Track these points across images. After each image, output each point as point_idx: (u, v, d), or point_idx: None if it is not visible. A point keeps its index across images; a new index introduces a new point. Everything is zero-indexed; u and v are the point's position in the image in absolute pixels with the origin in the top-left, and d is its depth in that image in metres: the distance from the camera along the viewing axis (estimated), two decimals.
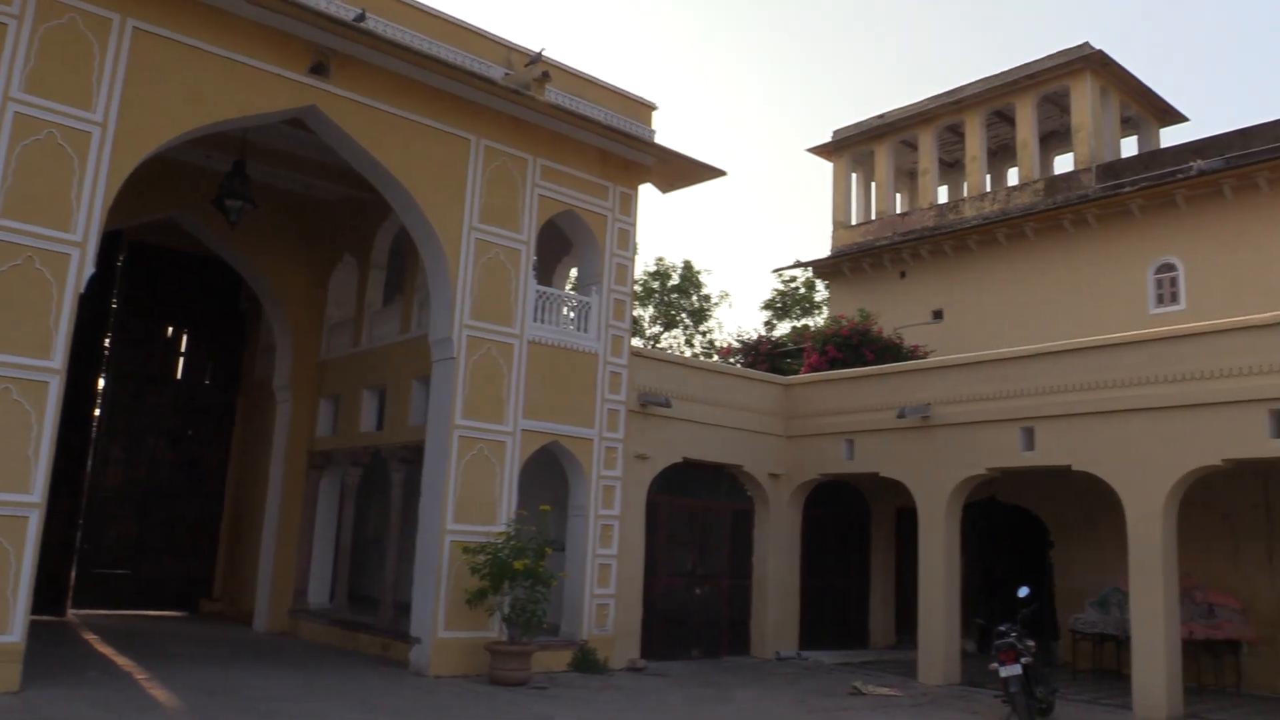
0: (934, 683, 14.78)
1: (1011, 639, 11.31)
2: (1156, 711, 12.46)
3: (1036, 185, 25.03)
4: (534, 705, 11.41)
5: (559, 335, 14.99)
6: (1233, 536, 15.56)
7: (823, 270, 29.55)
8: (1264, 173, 20.61)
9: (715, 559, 17.23)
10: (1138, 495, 13.07)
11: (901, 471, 15.96)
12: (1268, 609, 15.13)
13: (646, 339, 39.44)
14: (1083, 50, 24.55)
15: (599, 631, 14.84)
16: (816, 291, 39.02)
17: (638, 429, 15.77)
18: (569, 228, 15.89)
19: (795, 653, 17.37)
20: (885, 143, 28.49)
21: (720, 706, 12.15)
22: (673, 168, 16.65)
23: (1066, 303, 23.21)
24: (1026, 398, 14.41)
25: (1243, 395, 12.22)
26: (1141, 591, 12.93)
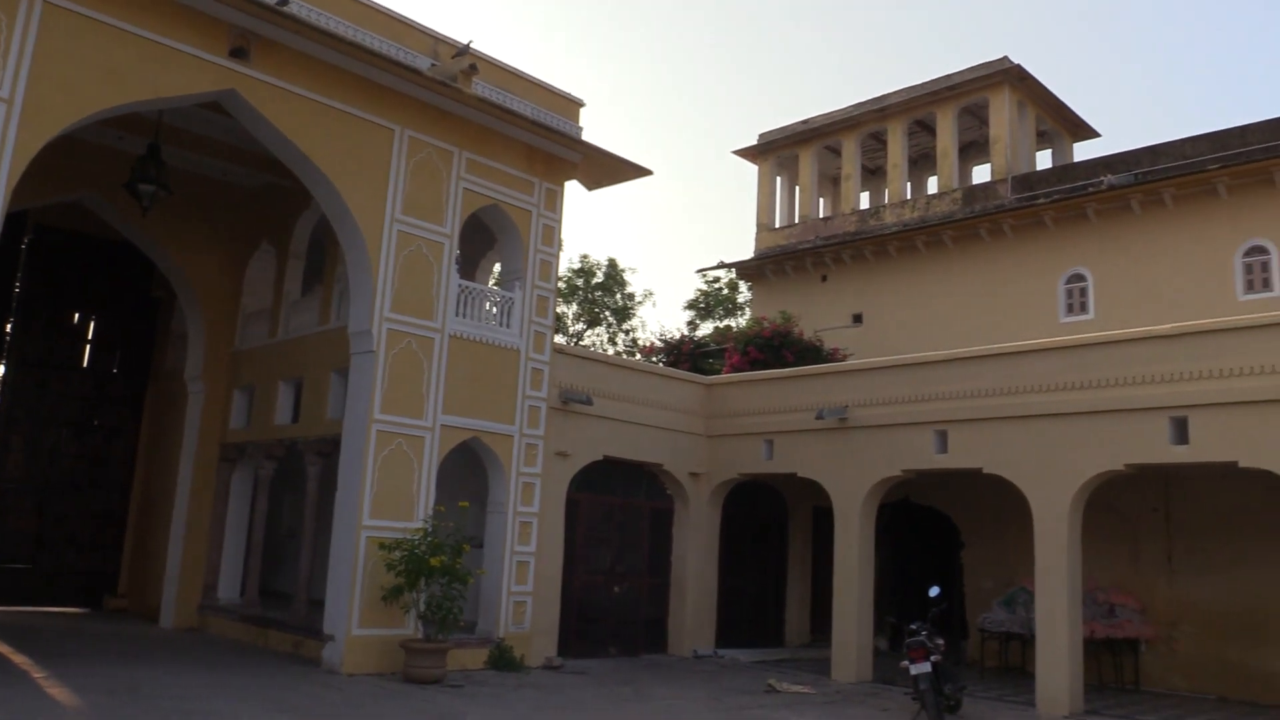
0: (847, 680, 15.02)
1: (922, 637, 11.57)
2: (1059, 708, 12.83)
3: (955, 194, 25.58)
4: (448, 703, 11.30)
5: (481, 330, 14.86)
6: (1133, 539, 16.10)
7: (746, 272, 29.81)
8: (1170, 189, 21.36)
9: (634, 557, 17.27)
10: (1045, 498, 13.45)
11: (819, 472, 16.18)
12: (1165, 609, 15.69)
13: (570, 336, 39.36)
14: (1002, 64, 25.17)
15: (516, 629, 14.76)
16: (739, 292, 39.38)
17: (559, 426, 15.72)
18: (493, 222, 15.77)
19: (712, 651, 17.49)
20: (810, 147, 28.85)
21: (637, 704, 12.17)
22: (599, 165, 16.64)
23: (982, 309, 23.76)
24: (941, 401, 14.72)
25: (1145, 403, 12.65)
26: (1046, 592, 13.30)
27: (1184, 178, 21.17)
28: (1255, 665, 14.69)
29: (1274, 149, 20.24)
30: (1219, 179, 20.70)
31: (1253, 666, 14.72)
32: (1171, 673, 15.49)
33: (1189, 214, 21.29)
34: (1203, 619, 15.31)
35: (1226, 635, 15.01)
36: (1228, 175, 20.60)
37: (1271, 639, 14.50)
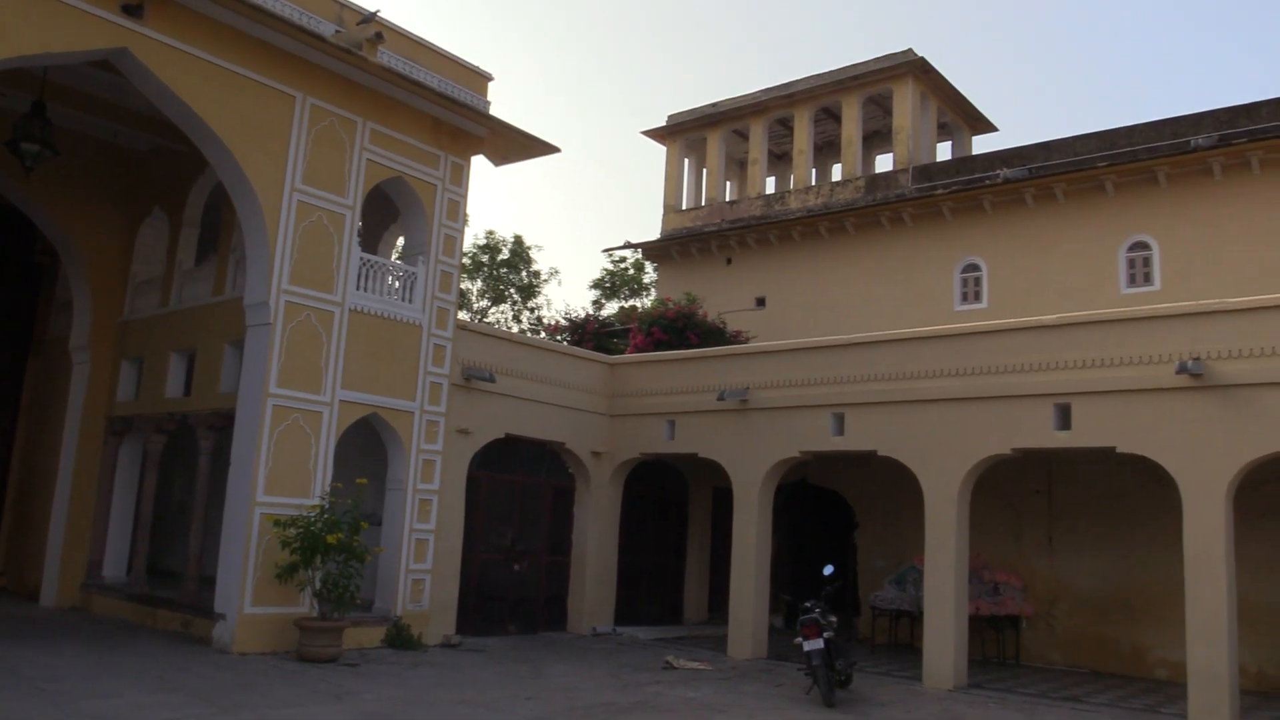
0: (743, 657, 15.30)
1: (815, 615, 11.85)
2: (944, 682, 13.30)
3: (858, 182, 26.06)
4: (343, 682, 11.17)
5: (383, 305, 14.63)
6: (1017, 520, 16.74)
7: (652, 252, 29.92)
8: (1061, 184, 22.13)
9: (535, 535, 17.28)
10: (936, 480, 13.88)
11: (719, 453, 16.39)
12: (1045, 587, 16.37)
13: (473, 313, 39.00)
14: (906, 56, 25.68)
15: (414, 607, 14.65)
16: (645, 273, 39.52)
17: (460, 403, 15.60)
18: (397, 195, 15.52)
19: (611, 628, 17.63)
20: (718, 131, 29.04)
21: (535, 681, 12.21)
22: (506, 140, 16.49)
23: (881, 296, 24.31)
24: (839, 385, 15.04)
25: (1032, 390, 13.14)
26: (935, 570, 13.74)
27: (1074, 174, 21.95)
28: (1126, 640, 15.45)
29: (1158, 149, 21.12)
30: (1107, 176, 21.52)
31: (1124, 642, 15.47)
32: (1050, 648, 16.18)
33: (1078, 209, 22.10)
34: (1079, 597, 16.03)
35: (1101, 612, 15.75)
36: (1115, 173, 21.43)
37: (1142, 616, 15.25)
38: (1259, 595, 14.00)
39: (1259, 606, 13.95)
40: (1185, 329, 12.17)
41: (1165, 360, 12.12)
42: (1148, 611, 15.15)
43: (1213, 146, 20.25)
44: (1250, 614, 13.44)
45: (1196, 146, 20.44)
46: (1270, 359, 11.49)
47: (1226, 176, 20.30)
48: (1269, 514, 14.24)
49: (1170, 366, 12.01)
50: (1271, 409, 11.45)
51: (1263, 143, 19.72)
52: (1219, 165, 20.25)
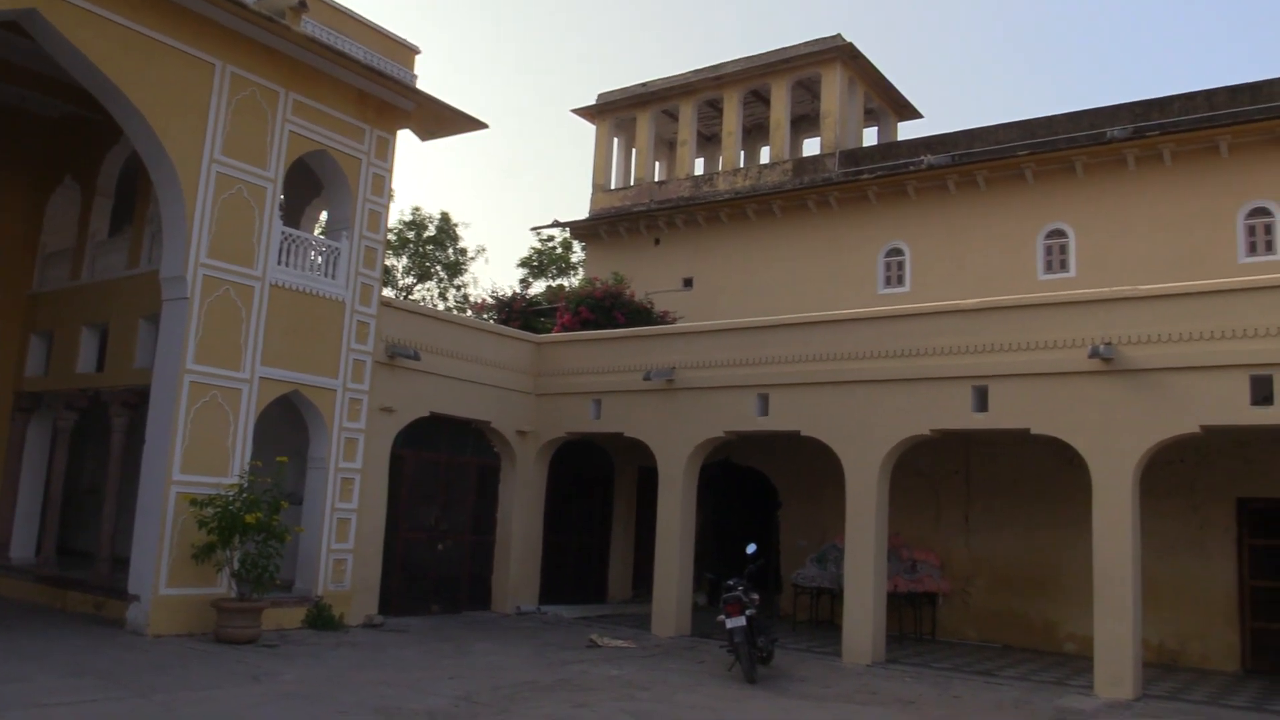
0: (666, 635, 15.43)
1: (738, 593, 11.99)
2: (862, 657, 13.58)
3: (786, 165, 26.26)
4: (262, 663, 11.00)
5: (305, 280, 14.35)
6: (936, 500, 17.13)
7: (580, 232, 29.82)
8: (983, 171, 22.58)
9: (459, 514, 17.18)
10: (857, 460, 14.11)
11: (645, 432, 16.45)
12: (961, 565, 16.80)
13: (398, 290, 38.48)
14: (835, 41, 25.91)
15: (336, 587, 14.47)
16: (573, 252, 39.37)
17: (384, 381, 15.40)
18: (321, 169, 15.21)
19: (536, 607, 17.63)
20: (648, 110, 29.00)
21: (458, 660, 12.17)
22: (433, 115, 16.26)
23: (807, 278, 24.57)
24: (764, 366, 15.19)
25: (951, 372, 13.43)
26: (856, 549, 14.00)
27: (995, 162, 22.41)
28: (1037, 616, 15.95)
29: (1076, 140, 21.67)
30: (1027, 165, 22.01)
31: (1035, 617, 15.96)
32: (965, 624, 16.63)
33: (999, 196, 22.57)
34: (994, 574, 16.48)
35: (1014, 589, 16.22)
36: (1035, 162, 21.93)
37: (1052, 592, 15.74)
38: (1162, 572, 14.55)
39: (1162, 582, 14.50)
40: (1098, 315, 12.54)
41: (1078, 345, 12.47)
42: (1058, 588, 15.64)
43: (1127, 138, 20.83)
44: (1153, 590, 13.97)
45: (1112, 138, 21.01)
46: (1177, 344, 11.90)
47: (1140, 167, 20.91)
48: (1173, 494, 14.79)
49: (1083, 351, 12.37)
50: (1177, 392, 11.87)
51: (1174, 136, 20.35)
52: (1133, 156, 20.85)
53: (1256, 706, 11.56)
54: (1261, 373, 11.39)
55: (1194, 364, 11.77)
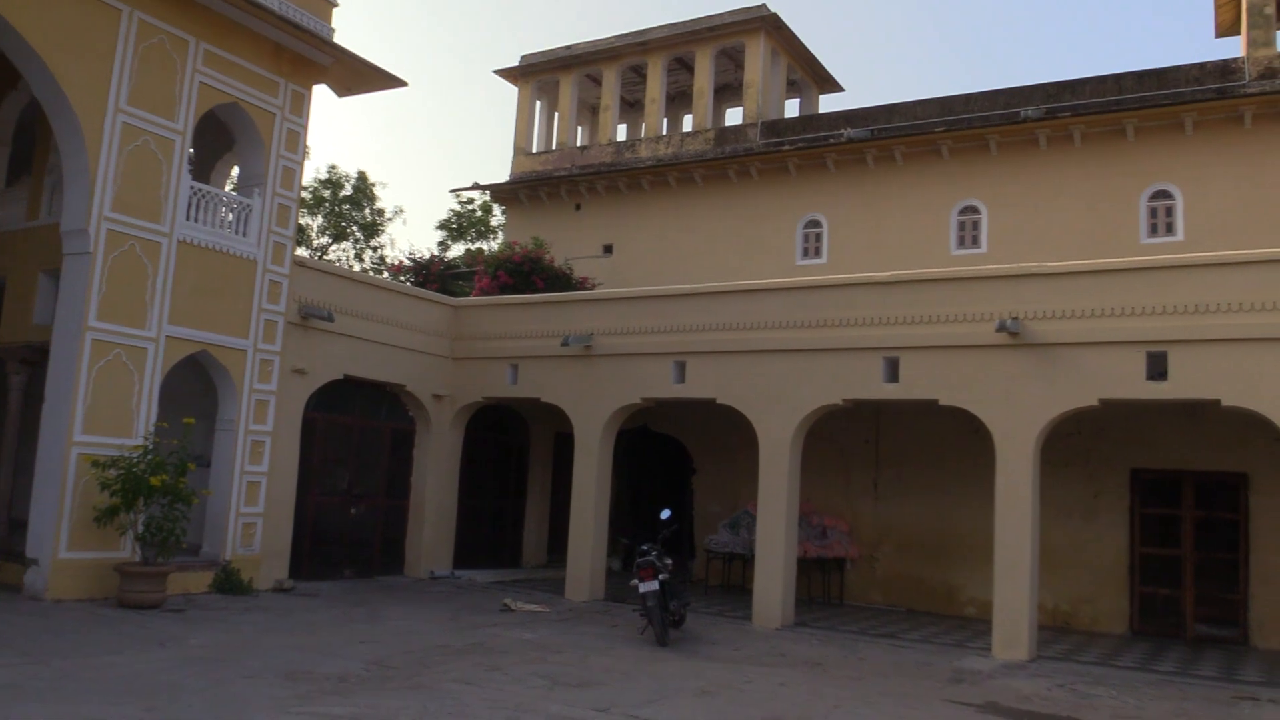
0: (580, 599, 15.54)
1: (651, 558, 12.14)
2: (772, 621, 13.87)
3: (708, 134, 26.30)
4: (167, 628, 10.80)
5: (215, 238, 13.97)
6: (846, 468, 17.50)
7: (500, 195, 29.50)
8: (901, 147, 22.91)
9: (373, 478, 17.01)
10: (771, 428, 14.33)
11: (562, 398, 16.46)
12: (869, 531, 17.23)
13: (313, 249, 37.67)
14: (760, 11, 25.94)
15: (245, 551, 14.23)
16: (493, 216, 38.97)
17: (297, 342, 15.12)
18: (233, 122, 14.77)
19: (450, 572, 17.58)
20: (571, 74, 28.73)
21: (370, 625, 12.09)
22: (351, 71, 15.90)
23: (726, 247, 24.72)
24: (681, 334, 15.29)
25: (864, 343, 13.70)
26: (767, 515, 14.25)
27: (913, 137, 22.75)
28: (940, 581, 16.46)
29: (991, 118, 22.10)
30: (943, 141, 22.39)
31: (938, 582, 16.48)
32: (871, 588, 17.08)
33: (915, 171, 22.94)
34: (900, 540, 16.95)
35: (918, 555, 16.71)
36: (951, 138, 22.32)
37: (954, 558, 16.26)
38: (1059, 539, 15.13)
39: (1058, 549, 15.08)
40: (1006, 290, 12.89)
41: (987, 319, 12.82)
42: (961, 554, 16.15)
43: (1040, 118, 21.31)
44: (1050, 556, 14.52)
45: (1025, 117, 21.48)
46: (1080, 320, 12.31)
47: (1051, 147, 21.44)
48: (1072, 464, 15.35)
49: (991, 325, 12.71)
50: (1078, 366, 12.29)
51: (1084, 118, 20.90)
52: (1045, 136, 21.36)
53: (1142, 666, 12.13)
54: (1157, 349, 11.86)
55: (1094, 339, 12.20)
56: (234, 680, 8.54)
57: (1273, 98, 19.22)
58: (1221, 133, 19.87)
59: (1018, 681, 10.82)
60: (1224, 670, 12.13)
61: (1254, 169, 19.41)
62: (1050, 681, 10.86)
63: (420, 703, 8.14)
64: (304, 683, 8.63)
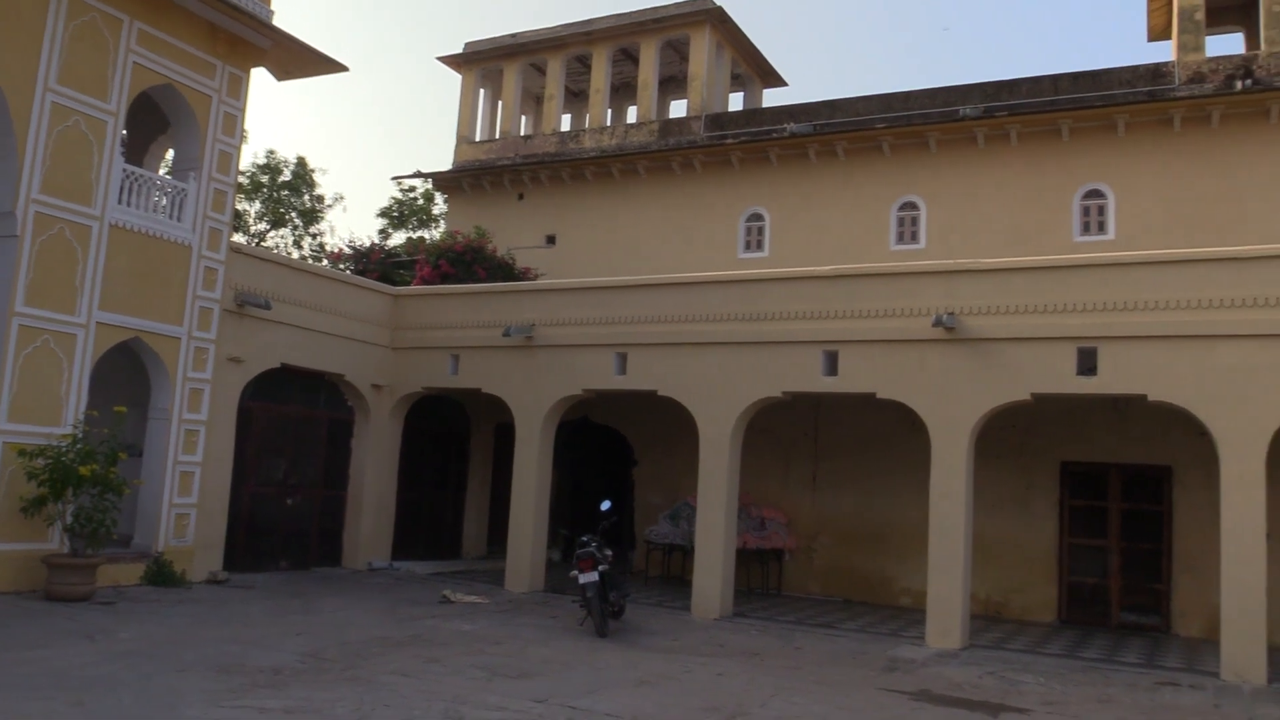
0: (520, 590, 15.52)
1: (591, 549, 12.17)
2: (710, 612, 13.98)
3: (652, 126, 26.32)
4: (97, 620, 10.59)
5: (148, 222, 13.67)
6: (786, 460, 17.68)
7: (443, 184, 29.23)
8: (843, 142, 23.13)
9: (310, 468, 16.80)
10: (711, 421, 14.43)
11: (503, 388, 16.40)
12: (807, 523, 17.43)
13: (250, 236, 37.01)
14: (705, 4, 25.99)
15: (177, 543, 13.98)
16: (435, 204, 38.59)
17: (233, 330, 14.87)
18: (168, 104, 14.46)
19: (388, 563, 17.45)
20: (516, 63, 28.56)
21: (306, 617, 11.96)
22: (291, 54, 15.65)
23: (669, 239, 24.77)
24: (623, 325, 15.32)
25: (804, 337, 13.84)
26: (707, 507, 14.35)
27: (854, 133, 22.98)
28: (875, 571, 16.72)
29: (930, 116, 22.40)
30: (884, 137, 22.65)
31: (873, 572, 16.73)
32: (809, 579, 17.29)
33: (856, 166, 23.18)
34: (837, 531, 17.17)
35: (855, 546, 16.94)
36: (891, 135, 22.59)
37: (889, 548, 16.52)
38: (991, 530, 15.44)
39: (990, 540, 15.39)
40: (942, 285, 13.11)
41: (924, 314, 13.02)
42: (896, 545, 16.41)
43: (978, 117, 21.66)
44: (983, 547, 14.81)
45: (964, 116, 21.82)
46: (1013, 316, 12.57)
47: (989, 145, 21.80)
48: (1005, 457, 15.67)
49: (928, 320, 12.92)
50: (1012, 361, 12.56)
51: (1021, 117, 21.28)
52: (982, 135, 21.71)
53: (1069, 654, 12.45)
54: (1087, 345, 12.16)
55: (1028, 335, 12.47)
56: (165, 674, 8.41)
57: (1201, 102, 19.77)
58: (1152, 135, 20.38)
59: (950, 669, 11.04)
60: (1147, 657, 12.50)
61: (1182, 170, 19.94)
62: (981, 669, 11.10)
63: (356, 695, 8.08)
64: (237, 676, 8.52)
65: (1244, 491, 11.25)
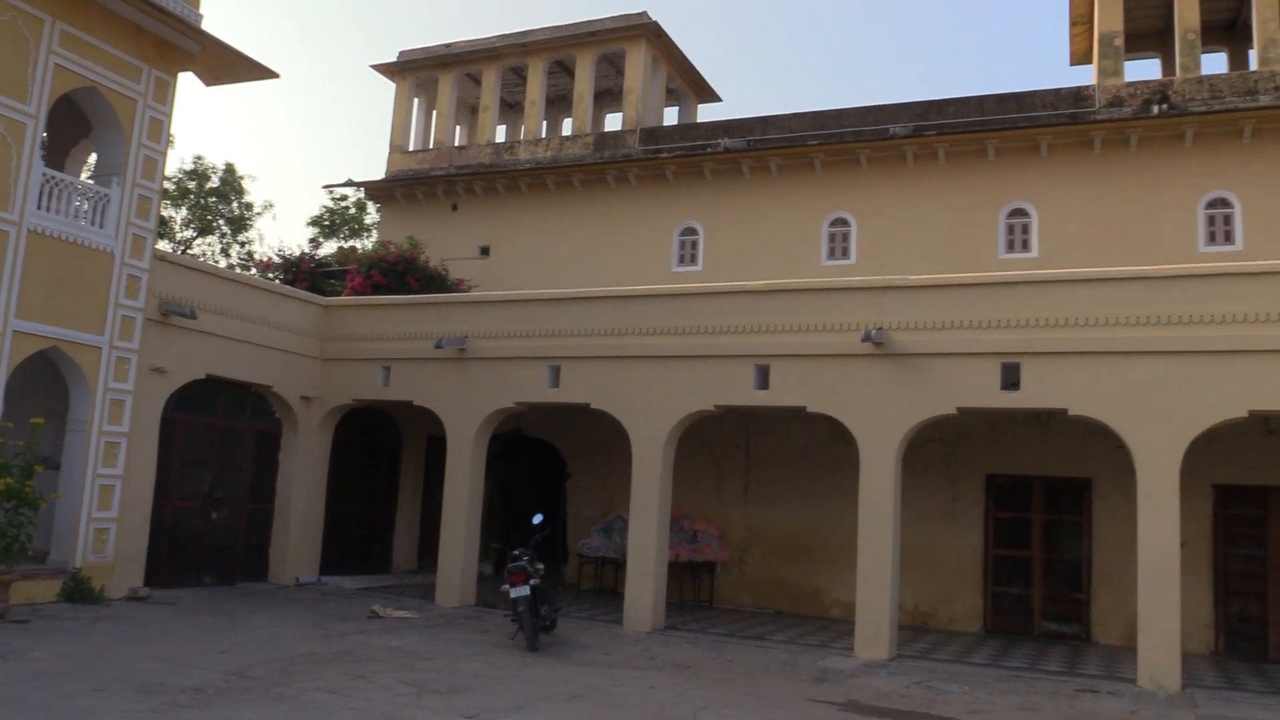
0: (451, 605, 15.37)
1: (523, 562, 12.12)
2: (643, 625, 13.99)
3: (587, 138, 26.38)
4: (10, 639, 10.24)
5: (69, 228, 13.32)
6: (718, 472, 17.79)
7: (376, 193, 28.93)
8: (776, 158, 23.41)
9: (236, 482, 16.47)
10: (644, 434, 14.47)
11: (435, 401, 16.26)
12: (739, 535, 17.54)
13: (176, 243, 36.22)
14: (641, 19, 26.15)
15: (97, 559, 13.59)
16: (368, 214, 38.15)
17: (156, 340, 14.54)
18: (91, 108, 14.12)
19: (316, 578, 17.16)
20: (451, 73, 28.41)
21: (231, 633, 11.71)
22: (220, 59, 15.39)
23: (605, 252, 24.81)
24: (556, 338, 15.30)
25: (736, 351, 13.96)
26: (639, 520, 14.37)
27: (787, 149, 23.27)
28: (806, 583, 16.88)
29: (862, 133, 22.79)
30: (816, 154, 22.98)
31: (804, 584, 16.89)
32: (741, 591, 17.39)
33: (789, 182, 23.47)
34: (769, 543, 17.31)
35: (786, 557, 17.09)
36: (823, 152, 22.92)
37: (820, 560, 16.70)
38: (919, 541, 15.69)
39: (918, 551, 15.65)
40: (871, 301, 13.33)
41: (853, 329, 13.23)
42: (826, 557, 16.59)
43: (908, 136, 22.09)
44: (911, 558, 15.06)
45: (894, 134, 22.24)
46: (940, 331, 12.83)
47: (917, 164, 22.24)
48: (932, 469, 15.95)
49: (857, 334, 13.12)
50: (939, 376, 12.81)
51: (949, 137, 21.75)
52: (912, 153, 22.14)
53: (993, 663, 12.70)
54: (1011, 360, 12.46)
55: (954, 350, 12.74)
56: (81, 694, 8.17)
57: (1119, 124, 20.41)
58: (1074, 155, 20.98)
59: (877, 680, 11.19)
60: (1068, 665, 12.81)
61: (1102, 190, 20.56)
62: (908, 679, 11.27)
63: (282, 713, 7.94)
64: (157, 695, 8.31)
65: (1159, 503, 11.61)
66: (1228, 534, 14.68)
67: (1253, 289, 11.59)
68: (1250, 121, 19.55)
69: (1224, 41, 24.04)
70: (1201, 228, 19.87)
